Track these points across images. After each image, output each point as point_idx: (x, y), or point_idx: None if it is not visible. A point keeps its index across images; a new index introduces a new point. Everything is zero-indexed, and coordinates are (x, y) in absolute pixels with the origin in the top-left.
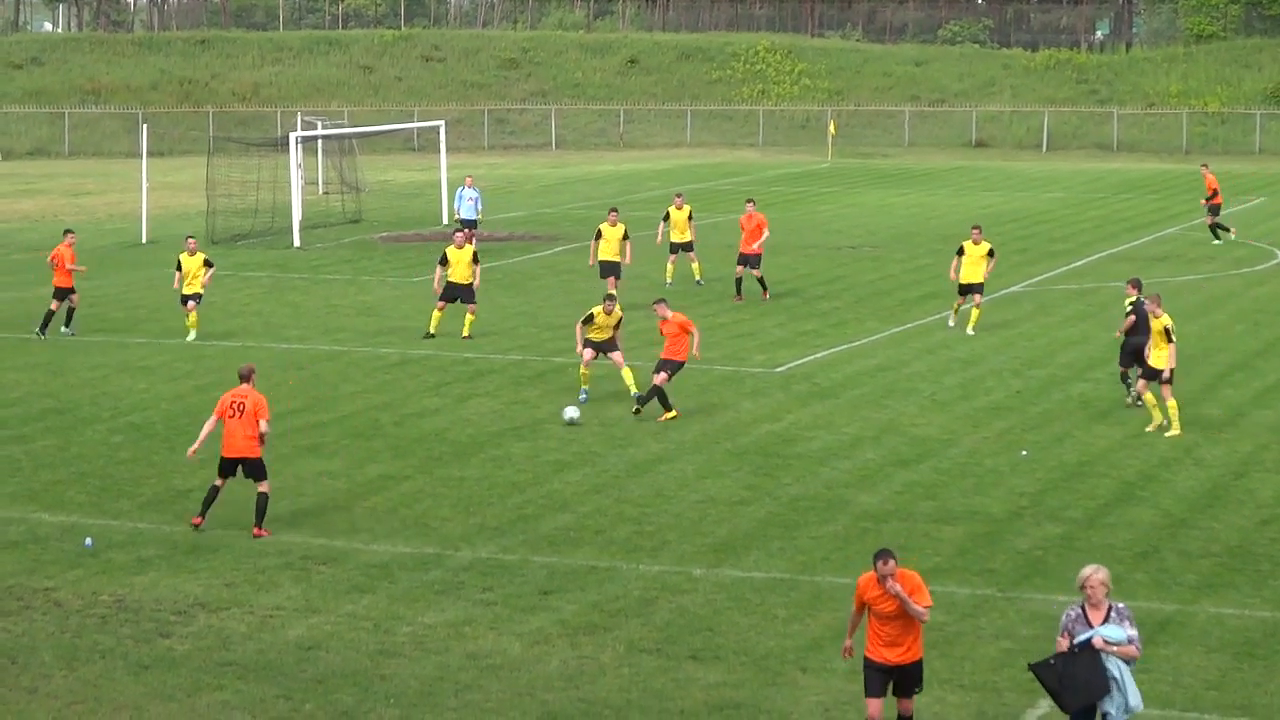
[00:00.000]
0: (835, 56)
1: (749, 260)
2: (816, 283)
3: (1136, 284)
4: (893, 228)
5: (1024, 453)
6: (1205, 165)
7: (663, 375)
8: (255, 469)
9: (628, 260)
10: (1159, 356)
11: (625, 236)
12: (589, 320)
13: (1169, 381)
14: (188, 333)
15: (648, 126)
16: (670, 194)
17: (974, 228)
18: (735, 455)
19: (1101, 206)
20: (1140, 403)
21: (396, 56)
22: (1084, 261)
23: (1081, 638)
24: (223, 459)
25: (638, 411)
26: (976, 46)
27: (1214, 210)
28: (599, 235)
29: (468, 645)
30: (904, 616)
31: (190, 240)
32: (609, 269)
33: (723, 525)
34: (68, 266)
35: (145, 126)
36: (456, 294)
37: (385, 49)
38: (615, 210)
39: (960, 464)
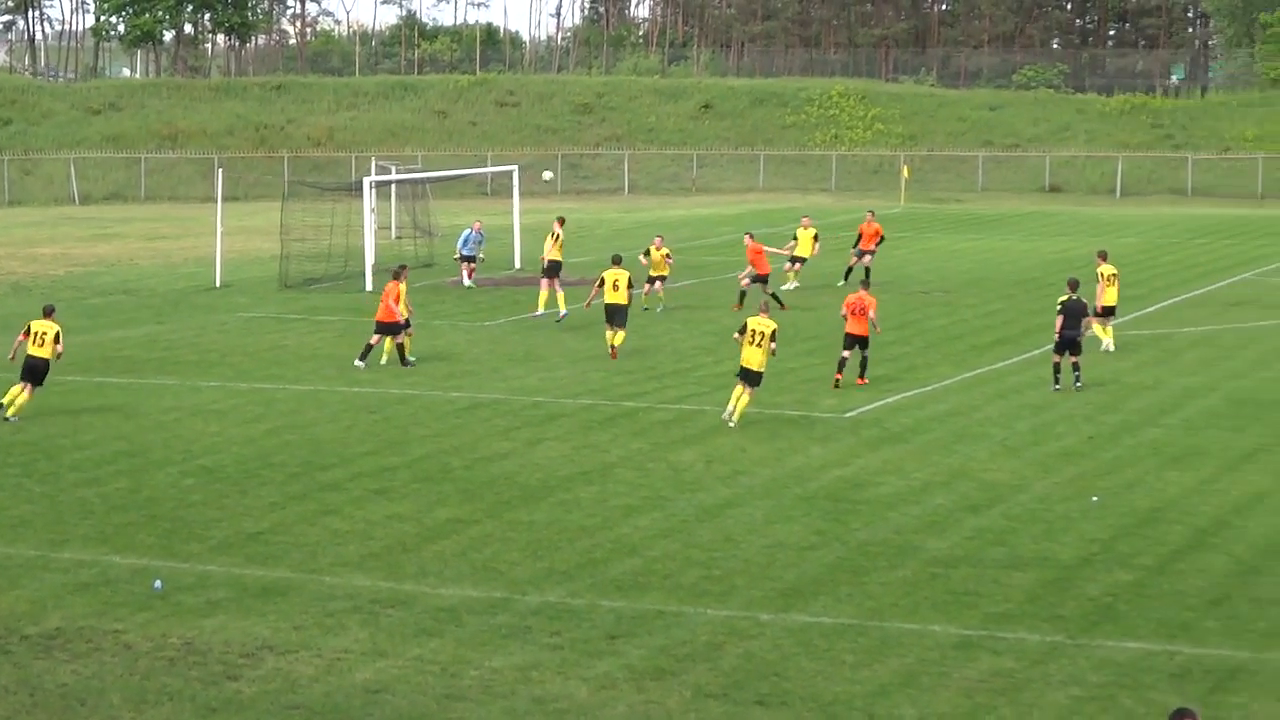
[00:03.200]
0: (909, 101)
1: (865, 253)
2: (887, 327)
3: (1073, 285)
4: (965, 273)
5: (1095, 499)
6: (871, 212)
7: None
8: None
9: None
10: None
11: (630, 285)
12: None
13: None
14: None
15: (720, 171)
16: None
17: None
18: (804, 500)
19: (1176, 251)
20: (1058, 387)
21: (471, 101)
22: (1157, 307)
23: None
24: None
25: None
26: (1051, 91)
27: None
28: (602, 282)
29: (534, 690)
30: None
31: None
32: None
33: (791, 570)
34: (391, 304)
35: (221, 171)
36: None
37: (460, 94)
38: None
39: (1031, 510)
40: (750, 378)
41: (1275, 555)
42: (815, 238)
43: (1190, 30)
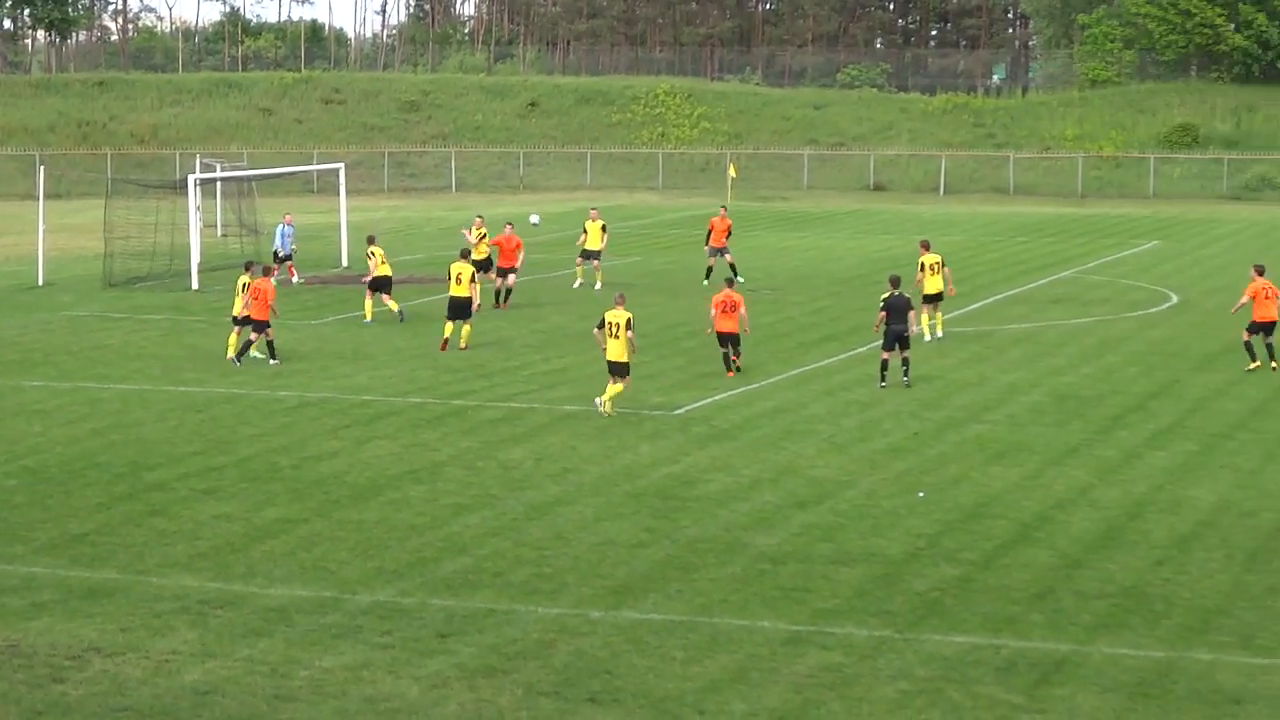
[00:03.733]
0: (734, 100)
1: (720, 250)
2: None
3: (895, 281)
4: (791, 270)
5: (921, 494)
6: (724, 207)
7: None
8: None
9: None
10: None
11: (474, 279)
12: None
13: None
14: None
15: (547, 169)
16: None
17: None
18: (634, 498)
19: (998, 249)
20: (885, 384)
21: (296, 99)
22: (980, 304)
23: None
24: None
25: None
26: (875, 90)
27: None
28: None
29: (365, 689)
30: None
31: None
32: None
33: (621, 567)
34: (270, 302)
35: (42, 168)
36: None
37: (285, 91)
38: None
39: (858, 506)
40: (616, 369)
41: (1098, 549)
42: (604, 229)
43: (1010, 31)
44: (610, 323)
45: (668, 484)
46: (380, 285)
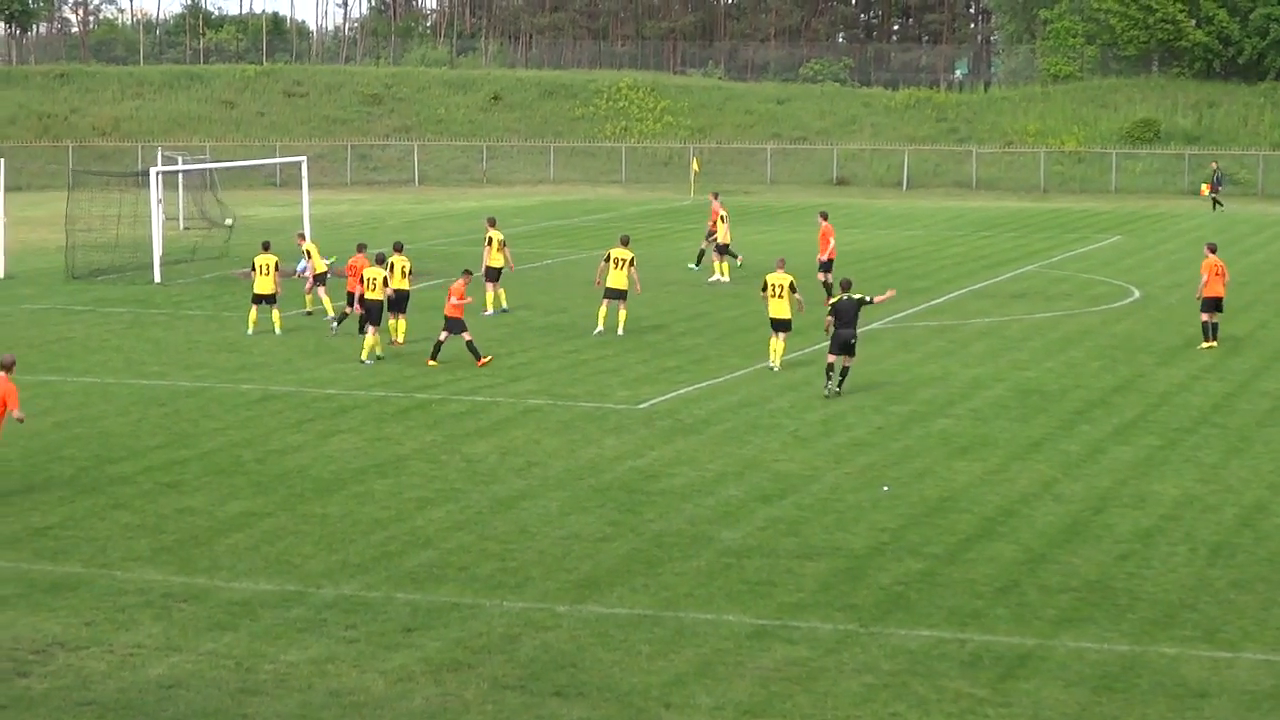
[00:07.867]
0: (697, 94)
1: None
2: (679, 319)
3: (846, 285)
4: (755, 265)
5: (885, 488)
6: (715, 195)
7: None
8: None
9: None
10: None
11: (411, 271)
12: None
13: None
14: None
15: (510, 163)
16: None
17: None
18: (599, 491)
19: (961, 244)
20: (830, 389)
21: (259, 92)
22: (944, 299)
23: None
24: None
25: None
26: (837, 85)
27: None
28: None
29: (330, 683)
30: None
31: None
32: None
33: (586, 561)
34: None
35: (2, 161)
36: None
37: (247, 84)
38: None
39: (822, 499)
40: (780, 325)
41: (1062, 543)
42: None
43: (972, 26)
44: (773, 284)
45: (632, 478)
46: (396, 304)
